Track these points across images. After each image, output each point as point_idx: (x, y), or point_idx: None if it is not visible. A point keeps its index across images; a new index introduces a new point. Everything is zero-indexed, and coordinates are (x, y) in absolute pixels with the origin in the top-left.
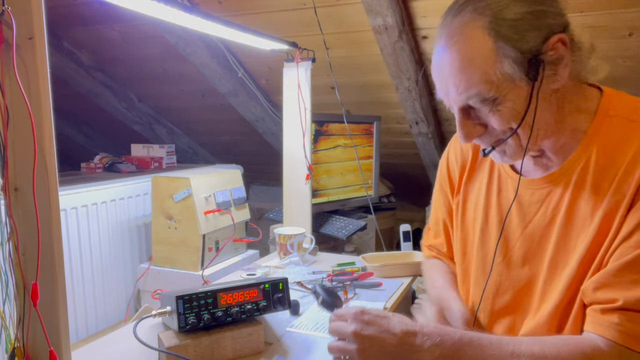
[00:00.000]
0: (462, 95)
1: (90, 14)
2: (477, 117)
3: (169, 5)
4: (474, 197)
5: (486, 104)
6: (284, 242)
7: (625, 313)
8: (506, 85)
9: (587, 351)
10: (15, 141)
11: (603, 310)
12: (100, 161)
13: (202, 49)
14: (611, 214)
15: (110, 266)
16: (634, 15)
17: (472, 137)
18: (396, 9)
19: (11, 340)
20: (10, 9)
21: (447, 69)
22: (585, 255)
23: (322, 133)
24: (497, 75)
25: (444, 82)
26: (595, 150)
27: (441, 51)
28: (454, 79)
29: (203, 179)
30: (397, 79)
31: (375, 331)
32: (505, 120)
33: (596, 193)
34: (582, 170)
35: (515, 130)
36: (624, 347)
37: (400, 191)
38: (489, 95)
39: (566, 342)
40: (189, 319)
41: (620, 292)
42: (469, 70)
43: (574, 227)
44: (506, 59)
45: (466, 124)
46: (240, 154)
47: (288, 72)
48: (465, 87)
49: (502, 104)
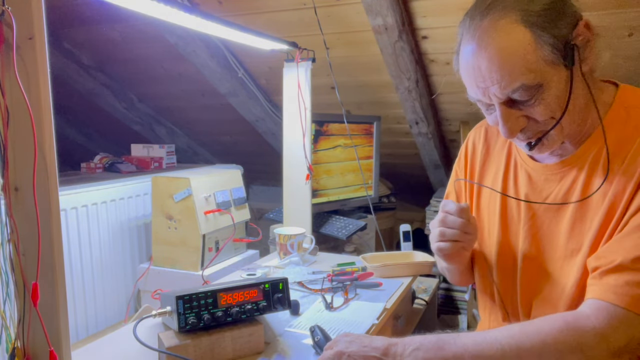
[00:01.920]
0: (507, 89)
1: (90, 14)
2: (519, 110)
3: (169, 5)
4: (490, 183)
5: (532, 94)
6: (284, 242)
7: (622, 273)
8: (548, 70)
9: (568, 318)
10: (15, 141)
11: (602, 273)
12: (100, 161)
13: (202, 49)
14: (620, 194)
15: (110, 266)
16: (634, 15)
17: (516, 132)
18: (396, 9)
19: (11, 340)
20: (10, 9)
21: (486, 65)
22: (597, 236)
23: (322, 133)
24: (540, 62)
25: (481, 81)
26: (609, 137)
27: (475, 51)
28: (496, 74)
29: (203, 179)
30: (397, 79)
31: (358, 347)
32: (549, 110)
33: (608, 176)
34: (596, 155)
35: (559, 120)
36: (620, 308)
37: (400, 191)
38: (534, 82)
39: (549, 319)
40: (189, 319)
41: (619, 253)
42: (511, 62)
43: (589, 210)
44: (546, 45)
45: (509, 118)
46: (240, 154)
47: (288, 72)
48: (510, 81)
49: (546, 92)
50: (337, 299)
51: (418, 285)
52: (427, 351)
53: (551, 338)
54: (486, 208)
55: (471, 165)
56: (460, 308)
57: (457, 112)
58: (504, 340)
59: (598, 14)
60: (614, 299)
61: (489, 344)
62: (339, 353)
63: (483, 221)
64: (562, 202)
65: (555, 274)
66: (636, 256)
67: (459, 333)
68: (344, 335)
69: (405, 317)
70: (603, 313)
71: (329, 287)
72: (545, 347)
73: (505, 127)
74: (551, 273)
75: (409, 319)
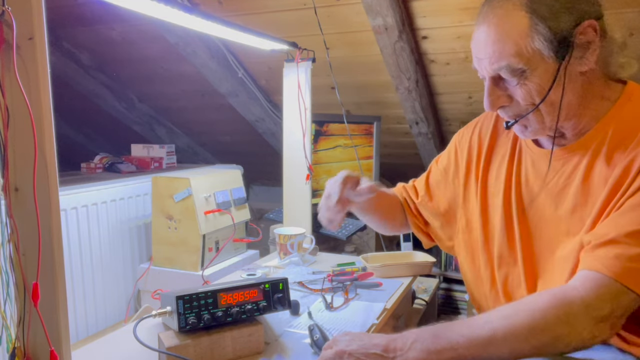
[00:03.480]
0: (494, 65)
1: (90, 14)
2: (505, 89)
3: (169, 5)
4: (495, 169)
5: (515, 76)
6: (284, 242)
7: (614, 245)
8: (535, 60)
9: (556, 292)
10: (15, 141)
11: (593, 246)
12: (100, 161)
13: (202, 49)
14: (622, 179)
15: (110, 266)
16: (634, 16)
17: (496, 106)
18: (396, 9)
19: (11, 340)
20: (10, 9)
21: (483, 39)
22: (596, 219)
23: (322, 133)
24: (528, 49)
25: (477, 52)
26: (613, 127)
27: (479, 24)
28: (489, 49)
29: (203, 179)
30: (397, 79)
31: (358, 345)
32: (530, 95)
33: (609, 163)
34: (598, 145)
35: (537, 106)
36: (609, 277)
37: None
38: (518, 66)
39: (539, 294)
40: (189, 319)
41: (613, 228)
42: (503, 41)
43: (590, 195)
44: (538, 35)
45: (493, 92)
46: (240, 154)
47: (288, 72)
48: (497, 58)
49: (530, 78)
50: (337, 299)
51: (418, 285)
52: (424, 341)
53: (539, 313)
54: (491, 195)
55: (477, 154)
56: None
57: (457, 112)
58: (496, 320)
59: None
60: (602, 269)
61: (481, 326)
62: (339, 352)
63: (488, 207)
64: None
65: (558, 258)
66: (629, 231)
67: (454, 321)
68: (343, 334)
69: (405, 317)
70: (591, 283)
71: (329, 287)
72: (534, 322)
73: (487, 100)
74: (554, 257)
75: (409, 319)
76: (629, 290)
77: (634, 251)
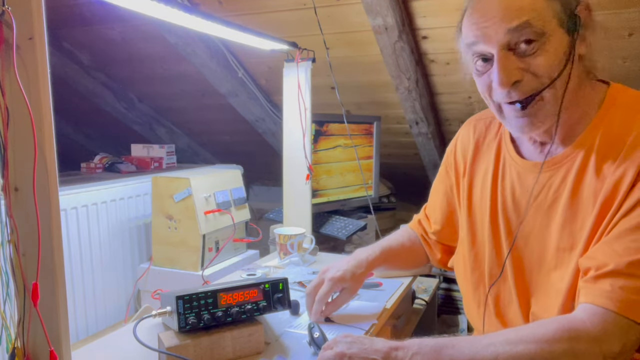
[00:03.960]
0: (514, 22)
1: (90, 14)
2: (516, 62)
3: (169, 5)
4: (480, 183)
5: (533, 40)
6: (284, 242)
7: (616, 278)
8: (553, 25)
9: (562, 322)
10: (15, 141)
11: (595, 277)
12: (100, 161)
13: (202, 49)
14: (612, 195)
15: (110, 266)
16: (634, 15)
17: (510, 81)
18: (396, 9)
19: (11, 340)
20: (10, 9)
21: (496, 3)
22: (590, 236)
23: (322, 133)
24: (549, 12)
25: (484, 20)
26: (600, 136)
27: None
28: (505, 10)
29: (203, 179)
30: (397, 79)
31: (359, 349)
32: (549, 64)
33: (598, 175)
34: (586, 156)
35: (554, 80)
36: (615, 313)
37: (400, 191)
38: (539, 26)
39: (544, 322)
40: (189, 319)
41: (612, 257)
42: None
43: (580, 209)
44: (555, 2)
45: (507, 64)
46: (240, 154)
47: (288, 72)
48: (517, 14)
49: (549, 44)
50: None
51: (418, 285)
52: (425, 355)
53: (545, 342)
54: (478, 211)
55: (463, 164)
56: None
57: (457, 112)
58: (500, 345)
59: (598, 14)
60: (609, 304)
61: (484, 348)
62: (339, 354)
63: (476, 224)
64: None
65: (549, 274)
66: (630, 261)
67: (457, 337)
68: (344, 336)
69: (405, 317)
70: (598, 318)
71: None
72: (539, 351)
73: (501, 73)
74: (545, 273)
75: (409, 319)
76: (637, 323)
77: (638, 283)
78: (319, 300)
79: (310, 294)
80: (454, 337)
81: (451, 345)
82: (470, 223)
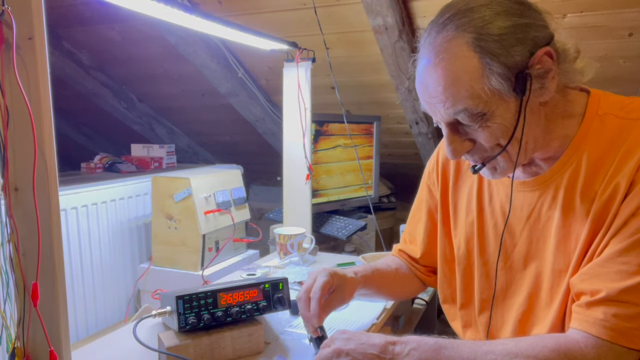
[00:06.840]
0: (450, 110)
1: (90, 14)
2: (465, 133)
3: (169, 5)
4: (464, 203)
5: (475, 120)
6: (284, 242)
7: (609, 306)
8: (494, 100)
9: (560, 340)
10: (15, 141)
11: (588, 304)
12: (100, 161)
13: (202, 49)
14: (603, 212)
15: (110, 266)
16: (634, 15)
17: (460, 153)
18: (396, 9)
19: (11, 340)
20: (10, 9)
21: (433, 85)
22: (580, 256)
23: (322, 133)
24: (485, 90)
25: (430, 98)
26: (587, 152)
27: (426, 67)
28: (441, 95)
29: (203, 179)
30: (397, 79)
31: (356, 344)
32: (494, 137)
33: (589, 191)
34: (574, 172)
35: (504, 148)
36: (609, 342)
37: (400, 191)
38: (477, 110)
39: (542, 338)
40: (189, 319)
41: (604, 282)
42: (455, 87)
43: (572, 230)
44: (493, 74)
45: (454, 139)
46: (240, 154)
47: (288, 72)
48: (453, 103)
49: (491, 120)
50: None
51: None
52: (424, 353)
53: (542, 357)
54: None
55: (444, 182)
56: None
57: None
58: (499, 353)
59: (598, 14)
60: (602, 333)
61: (484, 354)
62: (337, 350)
63: (460, 246)
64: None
65: (545, 295)
66: (622, 288)
67: (457, 340)
68: (340, 333)
69: (405, 317)
70: (592, 344)
71: None
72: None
73: (450, 147)
74: (541, 296)
75: (409, 319)
76: (632, 350)
77: (631, 311)
78: (315, 296)
79: (302, 297)
80: (454, 340)
81: (451, 347)
82: (457, 244)
